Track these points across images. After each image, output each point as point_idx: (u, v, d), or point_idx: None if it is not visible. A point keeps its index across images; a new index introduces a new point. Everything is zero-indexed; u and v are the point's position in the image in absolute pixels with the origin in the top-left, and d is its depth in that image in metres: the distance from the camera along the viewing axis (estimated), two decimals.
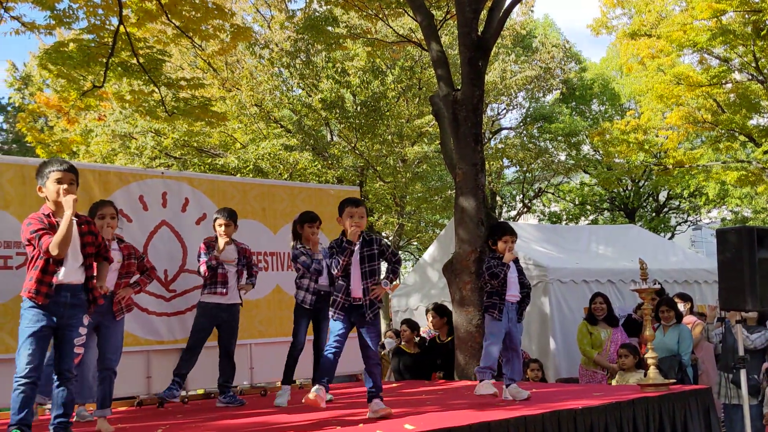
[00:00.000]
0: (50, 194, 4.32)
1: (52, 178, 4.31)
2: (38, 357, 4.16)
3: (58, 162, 4.41)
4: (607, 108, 26.98)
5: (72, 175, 4.37)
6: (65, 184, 4.30)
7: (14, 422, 4.06)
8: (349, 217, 5.23)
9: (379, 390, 5.16)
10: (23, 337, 4.18)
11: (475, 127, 8.49)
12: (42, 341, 4.21)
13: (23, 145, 25.50)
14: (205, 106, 13.28)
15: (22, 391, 4.09)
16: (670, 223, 28.62)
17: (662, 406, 5.53)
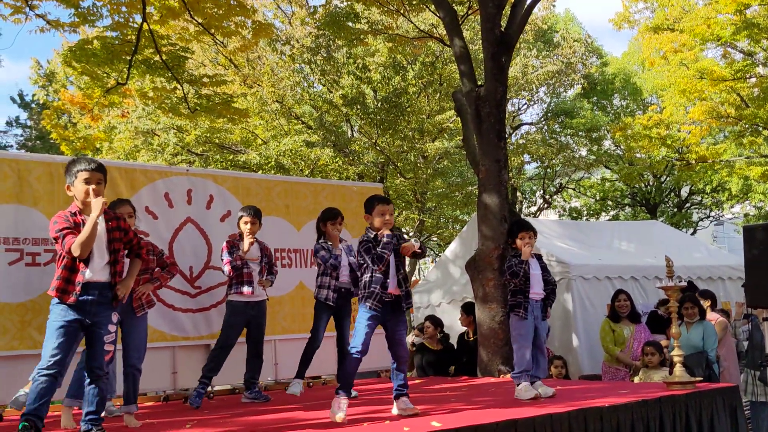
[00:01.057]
0: (78, 193, 4.32)
1: (81, 177, 4.31)
2: (63, 351, 4.17)
3: (86, 161, 4.39)
4: (628, 103, 26.78)
5: (100, 174, 4.37)
6: (93, 184, 4.30)
7: (27, 411, 4.08)
8: (380, 214, 5.20)
9: (407, 388, 5.17)
10: (50, 331, 4.21)
11: (498, 124, 8.48)
12: (68, 336, 4.21)
13: (47, 142, 25.74)
14: (227, 103, 13.34)
15: (41, 383, 4.10)
16: (692, 218, 28.39)
17: (689, 405, 5.50)
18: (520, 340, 5.81)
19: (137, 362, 5.48)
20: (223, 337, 6.66)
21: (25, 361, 6.31)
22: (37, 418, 4.08)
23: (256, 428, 4.68)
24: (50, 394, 4.17)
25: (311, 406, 5.98)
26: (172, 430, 4.77)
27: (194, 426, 4.98)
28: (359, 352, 5.02)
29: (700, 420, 5.53)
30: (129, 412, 5.34)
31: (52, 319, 4.24)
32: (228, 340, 6.62)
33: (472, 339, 8.64)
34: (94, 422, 4.30)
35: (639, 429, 5.10)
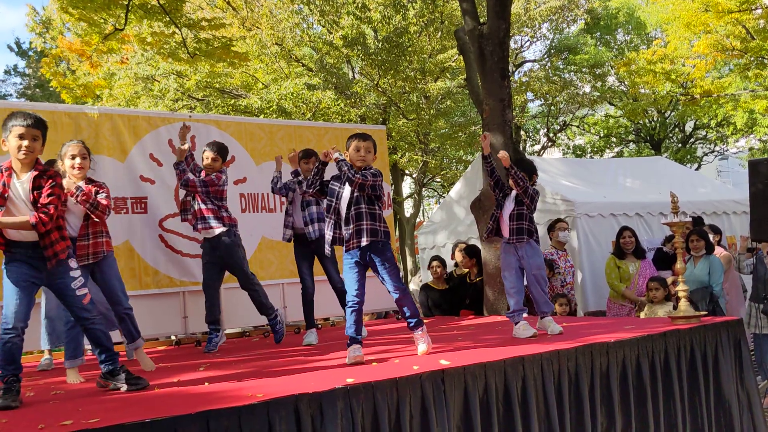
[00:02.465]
0: (12, 149, 4.11)
1: (15, 132, 4.09)
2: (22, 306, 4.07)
3: (22, 116, 4.12)
4: (632, 37, 26.43)
5: (36, 131, 4.12)
6: (27, 140, 4.07)
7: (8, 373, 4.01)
8: (355, 150, 5.07)
9: (416, 316, 5.17)
10: (6, 288, 4.10)
11: (501, 62, 8.39)
12: (22, 290, 4.10)
13: (47, 90, 25.58)
14: (227, 47, 13.22)
15: (5, 341, 4.02)
16: (696, 153, 28.31)
17: (693, 339, 5.57)
18: (504, 272, 5.90)
19: (124, 302, 5.32)
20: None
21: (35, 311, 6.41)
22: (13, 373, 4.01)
23: (268, 370, 4.76)
24: (18, 352, 4.08)
25: (323, 348, 6.07)
26: (185, 372, 4.85)
27: (207, 369, 5.07)
28: (354, 303, 4.98)
29: (704, 353, 5.61)
30: (137, 347, 5.37)
31: (7, 276, 4.11)
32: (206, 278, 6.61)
33: (477, 280, 8.70)
34: (110, 361, 4.34)
35: (644, 363, 5.18)
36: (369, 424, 3.78)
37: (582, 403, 4.75)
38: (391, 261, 5.12)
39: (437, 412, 4.02)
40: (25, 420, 3.44)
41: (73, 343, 5.13)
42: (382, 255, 5.04)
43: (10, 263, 4.13)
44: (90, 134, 6.92)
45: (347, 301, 5.01)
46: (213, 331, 6.50)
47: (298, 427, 3.52)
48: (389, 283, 5.07)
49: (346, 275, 5.06)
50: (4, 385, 3.93)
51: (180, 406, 3.52)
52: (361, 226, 4.98)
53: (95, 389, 4.43)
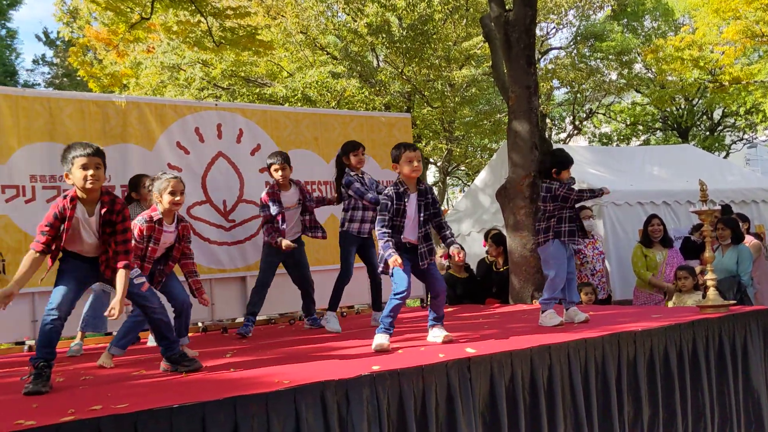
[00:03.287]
0: (77, 181, 4.11)
1: (77, 164, 4.09)
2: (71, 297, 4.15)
3: (82, 146, 4.13)
4: (660, 24, 26.09)
5: (98, 159, 4.13)
6: (91, 170, 4.07)
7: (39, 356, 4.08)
8: (407, 162, 5.11)
9: (442, 318, 5.24)
10: (60, 276, 4.18)
11: (527, 49, 8.34)
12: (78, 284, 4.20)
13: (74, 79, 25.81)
14: (252, 35, 13.26)
15: (49, 324, 4.08)
16: (724, 141, 27.95)
17: (722, 328, 5.52)
18: (558, 268, 5.80)
19: (186, 297, 5.46)
20: (260, 275, 6.78)
21: None
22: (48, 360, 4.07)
23: (294, 356, 4.79)
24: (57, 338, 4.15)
25: (348, 335, 6.10)
26: (212, 359, 4.89)
27: (234, 355, 5.11)
28: (404, 295, 5.02)
29: (733, 343, 5.55)
30: (183, 344, 5.44)
31: (64, 266, 4.20)
32: (265, 278, 6.74)
33: (503, 269, 8.68)
34: (170, 349, 4.46)
35: (672, 353, 5.14)
36: (395, 411, 3.78)
37: (609, 392, 4.73)
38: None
39: (463, 400, 4.02)
40: (55, 405, 3.49)
41: (130, 334, 5.17)
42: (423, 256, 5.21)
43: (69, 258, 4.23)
44: (117, 123, 6.98)
45: (399, 292, 5.00)
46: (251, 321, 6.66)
47: (325, 414, 3.54)
48: (438, 281, 5.22)
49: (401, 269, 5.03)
50: (35, 370, 3.99)
51: (207, 392, 3.55)
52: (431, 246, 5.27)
53: (124, 375, 4.48)
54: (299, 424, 3.44)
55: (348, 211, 6.62)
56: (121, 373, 4.60)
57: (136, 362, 5.13)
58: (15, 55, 27.68)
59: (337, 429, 3.55)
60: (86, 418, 3.04)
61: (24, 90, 6.83)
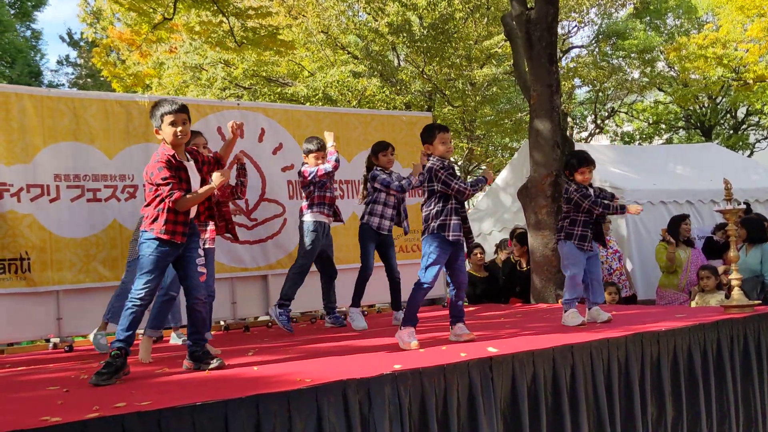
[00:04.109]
0: (167, 137, 4.36)
1: (167, 120, 4.33)
2: (155, 282, 4.32)
3: (168, 103, 4.38)
4: (683, 22, 25.85)
5: (184, 114, 4.38)
6: (180, 125, 4.34)
7: (119, 338, 4.24)
8: (441, 143, 5.19)
9: (463, 314, 5.25)
10: (146, 263, 4.29)
11: (549, 47, 8.30)
12: (162, 270, 4.38)
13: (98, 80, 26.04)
14: (273, 35, 13.31)
15: (133, 311, 4.25)
16: (748, 140, 27.64)
17: (747, 328, 5.46)
18: (572, 268, 5.78)
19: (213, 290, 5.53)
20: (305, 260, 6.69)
21: (91, 294, 6.55)
22: (127, 344, 4.24)
23: (316, 355, 4.80)
24: (139, 322, 4.34)
25: (370, 334, 6.10)
26: (234, 357, 4.91)
27: (256, 354, 5.13)
28: (430, 285, 5.07)
29: (758, 343, 5.50)
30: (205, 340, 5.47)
31: (148, 253, 4.31)
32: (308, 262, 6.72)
33: (526, 269, 8.65)
34: (198, 344, 4.50)
35: (696, 353, 5.10)
36: (416, 410, 3.78)
37: (632, 393, 4.70)
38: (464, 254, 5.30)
39: (485, 399, 4.00)
40: (79, 401, 3.52)
41: (160, 316, 5.22)
42: (462, 246, 5.22)
43: (159, 242, 4.31)
44: (141, 122, 7.02)
45: (425, 283, 5.05)
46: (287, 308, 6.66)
47: (346, 412, 3.54)
48: (463, 274, 5.25)
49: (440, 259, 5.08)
50: (111, 359, 4.12)
51: (230, 390, 3.56)
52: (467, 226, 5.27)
53: (148, 372, 4.51)
54: (321, 422, 3.45)
55: (369, 204, 6.65)
56: (144, 370, 4.63)
57: (159, 360, 5.16)
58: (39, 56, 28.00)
59: (359, 428, 3.55)
60: (110, 415, 3.06)
61: (49, 90, 6.90)
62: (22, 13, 25.54)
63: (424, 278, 5.07)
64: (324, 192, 6.59)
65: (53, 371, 4.95)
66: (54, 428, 2.92)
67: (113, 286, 6.48)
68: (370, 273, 6.65)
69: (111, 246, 6.73)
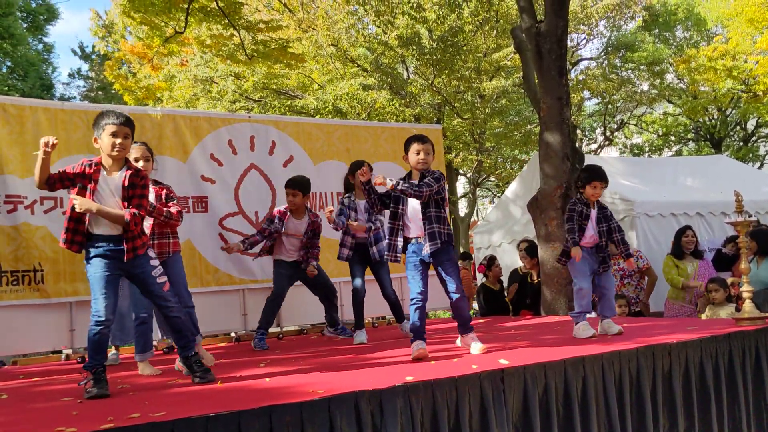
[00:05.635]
0: (104, 147, 4.24)
1: (108, 131, 4.22)
2: (111, 299, 4.20)
3: (114, 114, 4.28)
4: (692, 34, 25.88)
5: (127, 129, 4.26)
6: (120, 138, 4.21)
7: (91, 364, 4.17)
8: (415, 153, 5.13)
9: (470, 321, 5.24)
10: (93, 282, 4.20)
11: (559, 60, 8.33)
12: (112, 284, 4.23)
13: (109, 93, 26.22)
14: (283, 48, 13.38)
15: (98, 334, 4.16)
16: (758, 152, 27.58)
17: (759, 340, 5.44)
18: (577, 280, 5.80)
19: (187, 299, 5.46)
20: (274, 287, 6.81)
21: None
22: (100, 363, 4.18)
23: (328, 366, 4.81)
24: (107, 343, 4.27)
25: (380, 345, 6.11)
26: (245, 369, 4.93)
27: (267, 365, 5.14)
28: (419, 301, 5.04)
29: None
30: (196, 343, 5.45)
31: (91, 273, 4.21)
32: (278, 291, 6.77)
33: (537, 281, 8.65)
34: (186, 348, 4.51)
35: (708, 365, 5.08)
36: (428, 422, 3.79)
37: (644, 405, 4.69)
38: (454, 262, 5.21)
39: (496, 411, 4.01)
40: (94, 412, 3.55)
41: (142, 338, 5.28)
42: (446, 256, 5.13)
43: (91, 258, 4.23)
44: (153, 135, 7.08)
45: (412, 298, 5.06)
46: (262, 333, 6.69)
47: (359, 423, 3.55)
48: (451, 283, 5.15)
49: (410, 272, 5.11)
50: (93, 375, 4.10)
51: (243, 401, 3.58)
52: (433, 230, 5.06)
53: (161, 383, 4.54)
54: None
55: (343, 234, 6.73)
56: (157, 381, 4.66)
57: (169, 371, 5.19)
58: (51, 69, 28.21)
59: None
60: (125, 425, 3.09)
61: (62, 103, 6.96)
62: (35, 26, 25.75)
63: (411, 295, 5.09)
64: None
65: (67, 382, 4.98)
66: None
67: None
68: (362, 294, 6.63)
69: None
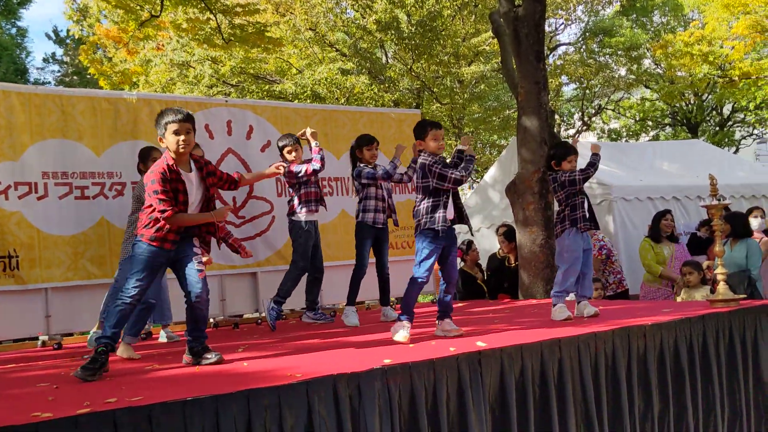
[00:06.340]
0: (170, 145, 4.36)
1: (170, 129, 4.34)
2: (146, 282, 4.34)
3: (173, 112, 4.39)
4: (669, 19, 25.97)
5: (188, 124, 4.38)
6: (183, 135, 4.34)
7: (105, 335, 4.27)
8: (433, 139, 5.20)
9: (451, 310, 5.28)
10: (137, 262, 4.32)
11: (537, 45, 8.35)
12: (153, 271, 4.38)
13: (84, 77, 25.93)
14: (261, 32, 13.30)
15: (122, 309, 4.29)
16: (734, 137, 27.81)
17: (732, 322, 5.52)
18: (572, 260, 5.84)
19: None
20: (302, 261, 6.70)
21: (80, 292, 6.55)
22: (113, 341, 4.28)
23: (306, 351, 4.82)
24: (126, 320, 4.40)
25: (360, 329, 6.13)
26: (224, 353, 4.92)
27: (246, 350, 5.14)
28: (424, 279, 5.12)
29: (743, 337, 5.56)
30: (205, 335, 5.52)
31: (139, 253, 4.33)
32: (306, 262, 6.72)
33: (514, 265, 8.69)
34: (197, 341, 4.52)
35: (682, 347, 5.15)
36: (406, 404, 3.81)
37: (619, 386, 4.75)
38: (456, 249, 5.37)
39: (473, 393, 4.04)
40: (70, 397, 3.53)
41: (140, 323, 5.30)
42: (455, 241, 5.33)
43: (150, 244, 4.33)
44: (129, 119, 7.02)
45: (419, 277, 5.11)
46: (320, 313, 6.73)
47: (337, 407, 3.57)
48: (455, 270, 5.31)
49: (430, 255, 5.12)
50: (95, 354, 4.15)
51: (220, 385, 3.58)
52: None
53: (138, 368, 4.53)
54: (311, 416, 3.47)
55: (361, 201, 6.66)
56: (134, 366, 4.64)
57: (148, 357, 5.17)
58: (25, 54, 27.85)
59: (349, 422, 3.58)
60: (101, 410, 3.08)
61: (36, 87, 6.88)
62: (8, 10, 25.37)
63: (418, 273, 5.13)
64: (309, 188, 6.62)
65: (43, 368, 4.95)
66: (45, 424, 2.93)
67: (102, 283, 6.49)
68: (365, 271, 6.66)
69: (99, 243, 6.71)
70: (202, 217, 4.47)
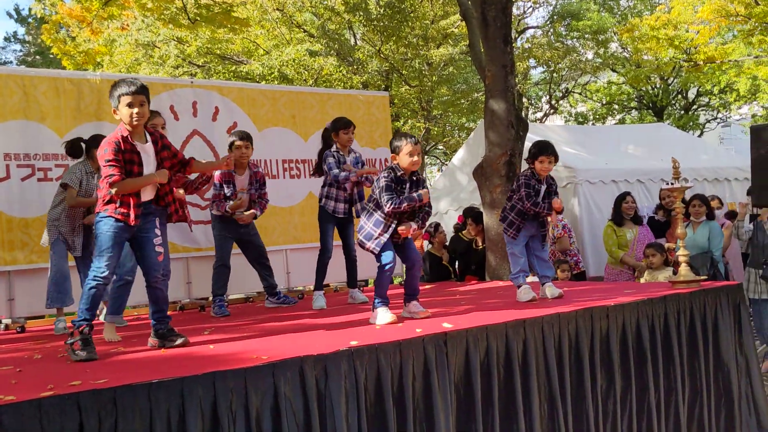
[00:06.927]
0: (124, 118, 4.32)
1: (124, 102, 4.29)
2: (115, 260, 4.32)
3: (127, 84, 4.33)
4: (636, 3, 26.17)
5: (142, 96, 4.33)
6: (136, 107, 4.29)
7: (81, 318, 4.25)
8: (408, 155, 5.09)
9: (418, 292, 5.30)
10: (103, 241, 4.28)
11: (504, 28, 8.37)
12: (119, 247, 4.36)
13: (47, 57, 25.46)
14: (227, 12, 13.18)
15: (95, 289, 4.26)
16: (699, 120, 28.19)
17: (693, 303, 5.62)
18: (510, 245, 5.94)
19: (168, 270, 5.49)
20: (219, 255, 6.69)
21: (43, 275, 6.47)
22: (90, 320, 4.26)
23: (273, 333, 4.83)
24: (100, 300, 4.36)
25: (327, 311, 6.14)
26: (190, 336, 4.91)
27: (213, 332, 5.13)
28: (391, 266, 5.11)
29: (704, 317, 5.66)
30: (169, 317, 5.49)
31: (105, 230, 4.29)
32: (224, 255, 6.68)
33: (482, 247, 8.76)
34: (162, 322, 4.52)
35: (644, 327, 5.24)
36: (372, 385, 3.84)
37: (582, 366, 4.82)
38: None
39: (439, 374, 4.08)
40: (34, 380, 3.50)
41: (118, 301, 5.28)
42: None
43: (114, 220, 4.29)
44: (92, 100, 6.92)
45: (387, 264, 5.10)
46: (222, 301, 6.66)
47: (303, 388, 3.58)
48: (413, 251, 5.33)
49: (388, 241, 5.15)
50: (81, 336, 4.14)
51: (186, 367, 3.57)
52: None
53: (103, 351, 4.48)
54: (278, 398, 3.48)
55: (325, 187, 6.60)
56: (100, 350, 4.60)
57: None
58: None
59: (315, 403, 3.59)
60: (66, 393, 3.06)
61: None
62: None
63: (382, 260, 5.13)
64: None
65: (5, 352, 4.90)
66: (8, 407, 2.90)
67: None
68: (330, 255, 6.62)
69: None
70: (146, 178, 4.39)
